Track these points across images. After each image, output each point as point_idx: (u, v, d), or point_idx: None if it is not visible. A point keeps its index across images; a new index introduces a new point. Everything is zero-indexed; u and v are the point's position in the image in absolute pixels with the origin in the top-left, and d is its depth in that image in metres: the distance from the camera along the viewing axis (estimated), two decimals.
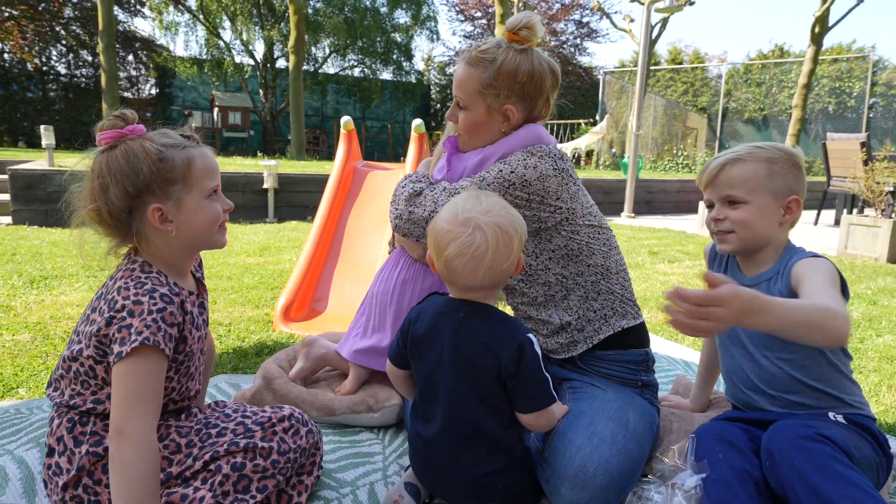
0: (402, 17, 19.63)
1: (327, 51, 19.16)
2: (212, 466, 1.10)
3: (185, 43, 24.34)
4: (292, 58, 12.78)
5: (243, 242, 4.79)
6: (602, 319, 1.44)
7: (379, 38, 19.12)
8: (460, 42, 23.25)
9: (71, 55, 17.19)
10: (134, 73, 18.37)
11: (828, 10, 12.69)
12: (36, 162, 6.34)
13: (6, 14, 15.49)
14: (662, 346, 2.48)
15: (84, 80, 17.33)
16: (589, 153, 13.95)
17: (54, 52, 17.07)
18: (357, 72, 20.07)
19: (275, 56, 18.20)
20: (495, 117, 1.45)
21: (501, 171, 1.38)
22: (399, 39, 19.81)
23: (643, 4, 8.01)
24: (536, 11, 21.06)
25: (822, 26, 12.86)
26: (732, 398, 1.43)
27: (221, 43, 17.75)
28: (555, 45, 21.71)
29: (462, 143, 1.54)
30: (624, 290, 1.47)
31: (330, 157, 15.03)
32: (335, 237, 3.17)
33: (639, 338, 1.49)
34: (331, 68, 19.83)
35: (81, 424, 1.10)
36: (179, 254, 1.16)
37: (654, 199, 9.38)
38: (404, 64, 20.21)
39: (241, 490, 1.11)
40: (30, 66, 16.46)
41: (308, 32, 16.90)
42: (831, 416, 1.21)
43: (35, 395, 1.83)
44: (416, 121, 3.25)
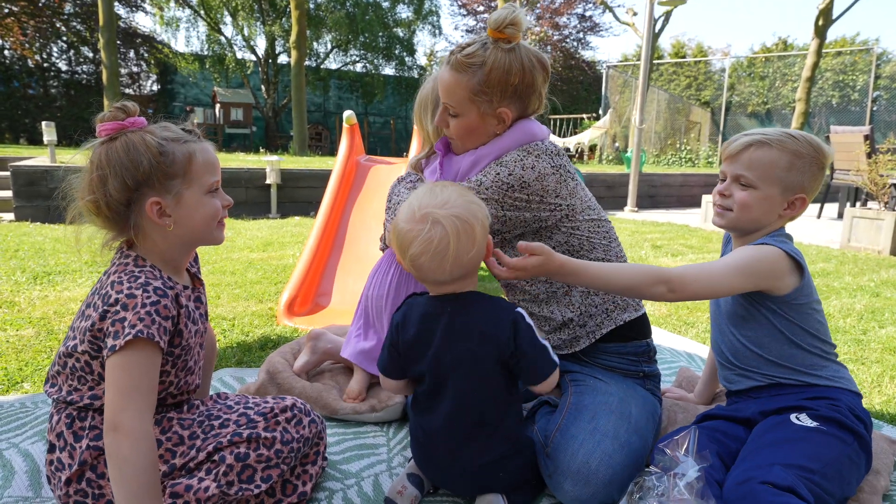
0: (404, 11, 19.56)
1: (329, 46, 19.11)
2: (215, 457, 1.11)
3: (187, 39, 24.39)
4: (294, 53, 12.74)
5: (246, 238, 4.80)
6: (604, 314, 1.44)
7: (381, 33, 19.07)
8: (462, 36, 23.16)
9: (72, 51, 17.19)
10: (135, 69, 18.34)
11: (831, 2, 12.58)
12: (38, 158, 6.35)
13: (6, 10, 15.47)
14: (666, 338, 2.48)
15: (85, 76, 17.33)
16: (592, 148, 13.88)
17: (55, 49, 17.07)
18: (359, 67, 20.03)
19: (276, 52, 18.16)
20: (489, 121, 1.41)
21: (499, 175, 1.35)
22: (401, 34, 19.75)
23: None
24: (539, 6, 20.94)
25: (825, 19, 12.76)
26: (721, 379, 1.45)
27: (223, 39, 17.73)
28: (558, 40, 21.60)
29: (455, 147, 1.50)
30: None
31: (332, 153, 15.01)
32: (338, 231, 3.16)
33: (640, 329, 1.49)
34: (333, 64, 19.80)
35: (80, 419, 1.10)
36: (177, 248, 1.15)
37: (657, 194, 9.35)
38: (406, 59, 20.15)
39: (246, 480, 1.11)
40: (30, 62, 16.46)
41: (310, 27, 16.86)
42: (793, 418, 1.21)
43: (39, 389, 1.84)
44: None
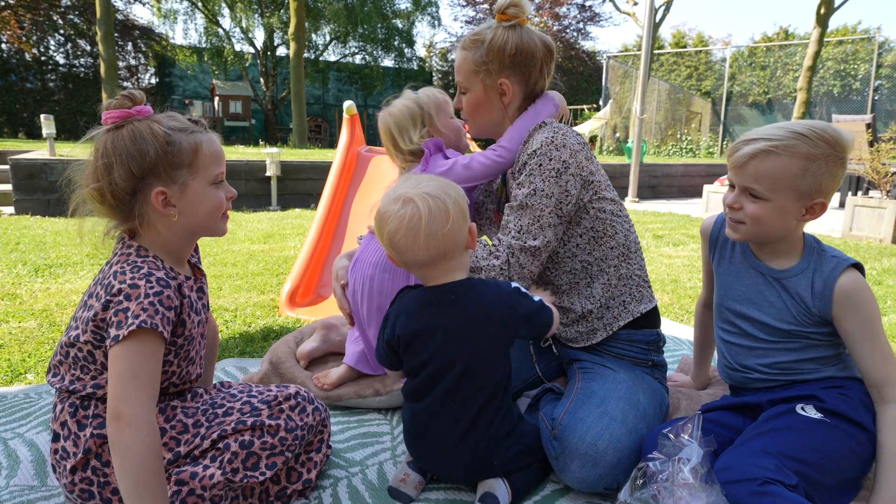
0: (403, 2, 19.51)
1: (328, 38, 19.03)
2: (220, 445, 1.11)
3: (185, 31, 24.27)
4: (293, 45, 12.67)
5: (247, 230, 4.79)
6: (622, 306, 1.45)
7: (380, 25, 18.98)
8: (462, 28, 23.03)
9: (69, 44, 17.12)
10: (133, 62, 18.28)
11: None
12: (37, 152, 6.33)
13: (3, 3, 15.39)
14: (670, 326, 2.48)
15: (83, 69, 17.26)
16: (593, 138, 13.85)
17: (52, 42, 17.00)
18: (358, 59, 19.96)
19: (275, 44, 18.09)
20: (492, 95, 1.48)
21: (541, 166, 1.35)
22: (400, 26, 19.66)
23: None
24: None
25: (827, 8, 12.68)
26: (726, 377, 1.41)
27: (221, 31, 17.64)
28: (558, 30, 21.50)
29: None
30: (642, 270, 1.48)
31: (332, 145, 14.98)
32: (340, 222, 3.15)
33: (652, 319, 1.49)
34: (332, 56, 19.72)
35: (83, 408, 1.10)
36: (180, 239, 1.14)
37: (658, 184, 9.34)
38: (406, 50, 20.08)
39: (251, 467, 1.12)
40: (28, 56, 16.38)
41: (308, 19, 16.77)
42: (799, 409, 1.18)
43: (43, 380, 1.84)
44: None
